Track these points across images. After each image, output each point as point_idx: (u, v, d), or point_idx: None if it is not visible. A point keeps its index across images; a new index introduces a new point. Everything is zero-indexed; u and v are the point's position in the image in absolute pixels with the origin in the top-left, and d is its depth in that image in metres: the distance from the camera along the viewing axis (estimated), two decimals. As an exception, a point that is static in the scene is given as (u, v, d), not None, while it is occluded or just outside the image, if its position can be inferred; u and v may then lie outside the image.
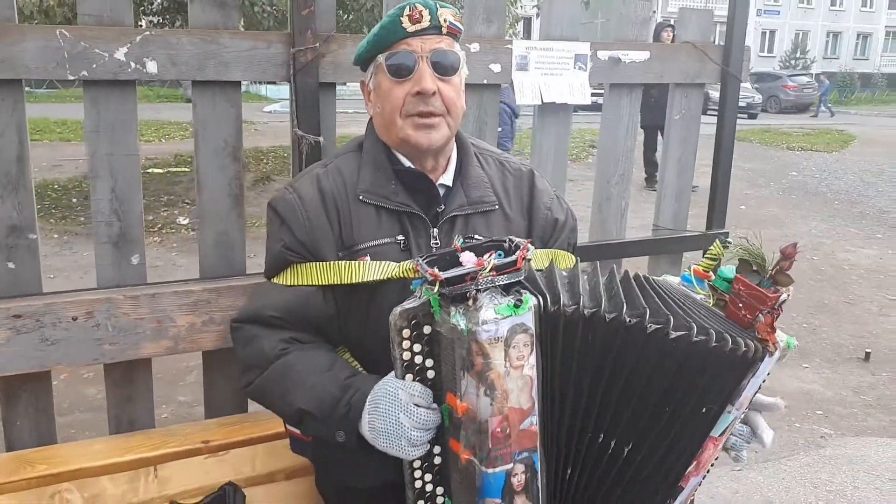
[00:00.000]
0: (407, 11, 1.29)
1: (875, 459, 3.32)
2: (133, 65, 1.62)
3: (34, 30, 1.55)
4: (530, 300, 1.11)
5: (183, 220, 7.01)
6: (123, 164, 1.69)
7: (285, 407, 1.31)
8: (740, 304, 1.20)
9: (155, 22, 9.08)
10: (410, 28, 1.30)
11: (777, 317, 1.18)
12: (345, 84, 1.89)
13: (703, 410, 1.20)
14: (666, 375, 1.16)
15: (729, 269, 1.24)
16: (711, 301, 1.27)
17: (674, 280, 1.36)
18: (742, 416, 1.33)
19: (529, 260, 1.15)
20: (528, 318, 1.10)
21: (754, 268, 1.20)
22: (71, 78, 1.58)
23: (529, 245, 1.15)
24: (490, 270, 1.09)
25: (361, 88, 1.45)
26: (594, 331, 1.15)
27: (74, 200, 7.68)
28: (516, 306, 1.09)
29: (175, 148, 11.08)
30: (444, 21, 1.32)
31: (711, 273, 1.29)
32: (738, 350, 1.14)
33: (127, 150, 1.69)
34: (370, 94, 1.42)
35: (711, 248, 1.35)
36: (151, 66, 1.64)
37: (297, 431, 1.40)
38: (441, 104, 1.33)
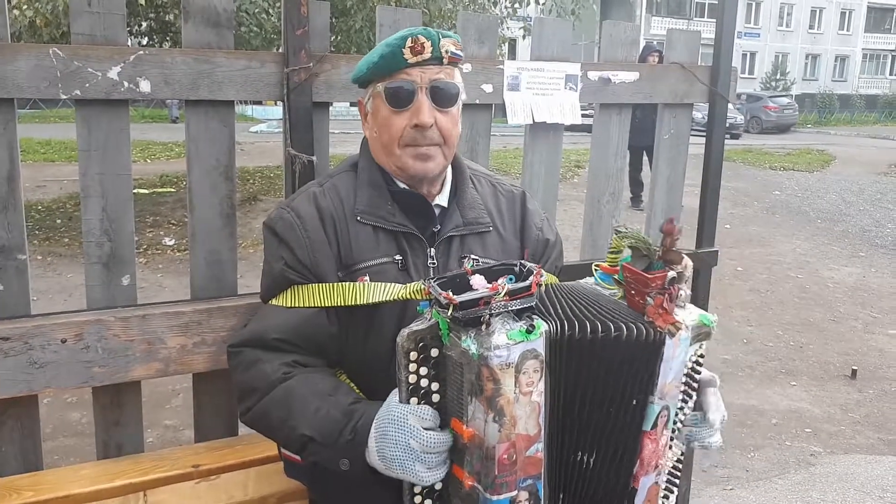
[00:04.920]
0: (409, 43, 1.28)
1: (865, 476, 3.32)
2: (126, 84, 1.61)
3: (27, 49, 1.54)
4: (542, 325, 1.10)
5: (169, 241, 6.96)
6: (115, 183, 1.68)
7: (288, 432, 1.27)
8: (633, 292, 1.21)
9: (142, 43, 9.07)
10: (412, 59, 1.29)
11: (672, 296, 1.17)
12: (332, 104, 1.90)
13: (634, 402, 1.21)
14: (610, 378, 1.18)
15: (625, 260, 1.24)
16: (619, 295, 1.27)
17: (588, 281, 1.36)
18: (674, 403, 1.31)
19: (542, 285, 1.14)
20: (539, 343, 1.09)
21: (644, 253, 1.21)
22: (63, 97, 1.57)
23: (542, 270, 1.14)
24: (504, 295, 1.07)
25: (359, 108, 1.45)
26: (571, 351, 1.16)
27: (59, 221, 7.60)
28: (528, 332, 1.07)
29: (160, 168, 11.04)
30: (446, 52, 1.32)
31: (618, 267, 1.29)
32: (640, 336, 1.16)
33: (118, 169, 1.68)
34: (367, 116, 1.41)
35: (611, 241, 1.33)
36: (145, 86, 1.63)
37: (294, 456, 1.38)
38: (438, 135, 1.33)
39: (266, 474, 1.66)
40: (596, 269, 1.34)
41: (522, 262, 1.18)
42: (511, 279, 1.11)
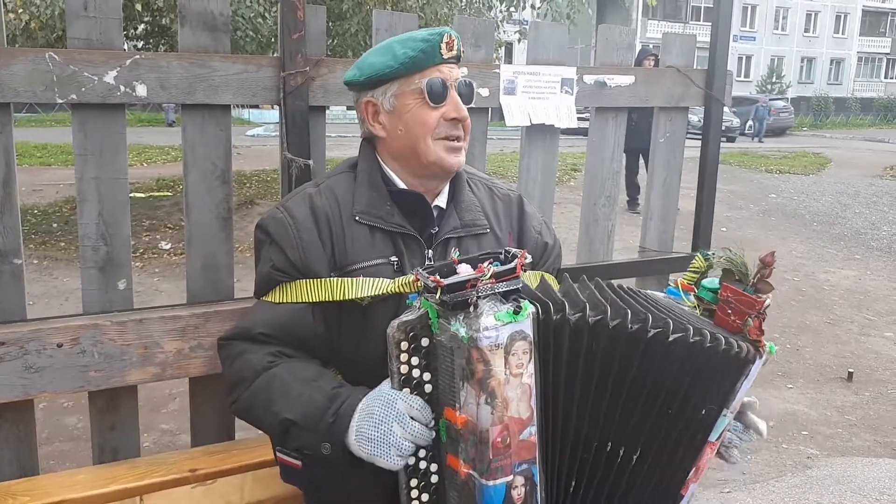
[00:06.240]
0: (446, 39, 1.33)
1: (861, 479, 3.33)
2: (123, 88, 1.61)
3: (23, 53, 1.54)
4: (529, 307, 1.12)
5: (165, 245, 6.95)
6: (111, 187, 1.68)
7: (270, 418, 1.27)
8: (729, 311, 1.26)
9: (138, 47, 9.07)
10: (446, 55, 1.33)
11: (763, 321, 1.24)
12: (328, 108, 1.90)
13: (703, 413, 1.24)
14: (667, 378, 1.20)
15: (713, 280, 1.31)
16: (698, 311, 1.33)
17: (658, 294, 1.39)
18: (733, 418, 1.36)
19: (526, 266, 1.16)
20: (527, 325, 1.11)
21: (737, 277, 1.27)
22: (59, 101, 1.57)
23: (526, 253, 1.16)
24: (490, 277, 1.09)
25: (362, 107, 1.40)
26: (598, 338, 1.17)
27: (55, 225, 7.58)
28: (516, 313, 1.09)
29: (156, 172, 11.01)
30: (462, 51, 1.38)
31: (695, 285, 1.36)
32: (733, 350, 1.20)
33: (115, 173, 1.68)
34: (377, 115, 1.39)
35: (694, 261, 1.41)
36: (141, 90, 1.63)
37: (288, 458, 1.37)
38: (462, 129, 1.39)
39: (262, 479, 1.66)
40: (670, 284, 1.39)
41: (507, 248, 1.20)
42: (497, 264, 1.13)
